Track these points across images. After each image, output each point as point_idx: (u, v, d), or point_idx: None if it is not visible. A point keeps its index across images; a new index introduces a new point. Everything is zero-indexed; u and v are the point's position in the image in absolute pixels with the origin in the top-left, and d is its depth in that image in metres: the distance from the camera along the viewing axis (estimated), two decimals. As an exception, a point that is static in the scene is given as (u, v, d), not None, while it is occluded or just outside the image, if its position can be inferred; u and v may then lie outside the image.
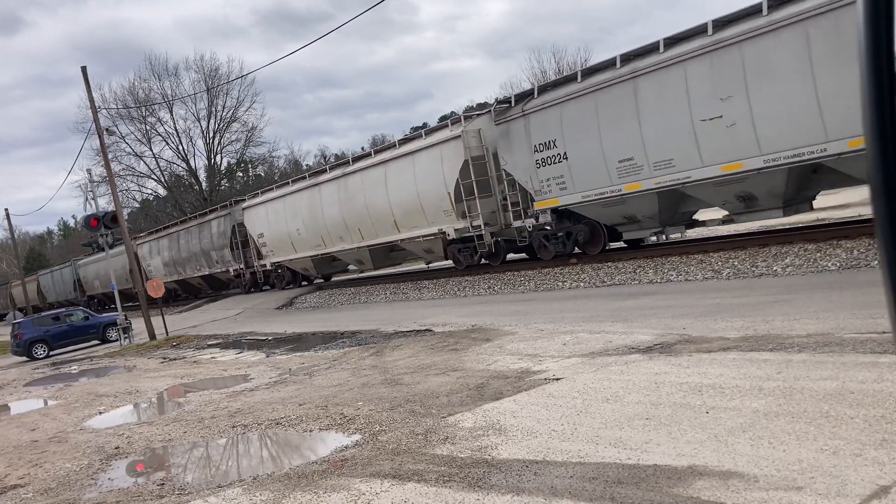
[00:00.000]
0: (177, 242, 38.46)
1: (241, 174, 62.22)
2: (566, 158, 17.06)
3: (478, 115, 20.59)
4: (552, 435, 5.90)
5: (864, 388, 5.61)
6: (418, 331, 14.09)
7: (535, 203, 18.25)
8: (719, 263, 14.20)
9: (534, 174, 17.91)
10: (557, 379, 7.85)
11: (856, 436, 4.67)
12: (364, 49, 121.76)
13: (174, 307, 37.33)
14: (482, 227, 19.65)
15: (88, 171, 50.02)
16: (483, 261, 21.44)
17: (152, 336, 23.17)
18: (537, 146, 17.65)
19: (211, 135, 54.96)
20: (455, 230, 20.54)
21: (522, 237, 19.48)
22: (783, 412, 5.40)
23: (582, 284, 16.57)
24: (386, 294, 23.63)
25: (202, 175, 56.58)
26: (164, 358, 18.31)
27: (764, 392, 5.98)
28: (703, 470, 4.59)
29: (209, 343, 19.81)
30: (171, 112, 54.06)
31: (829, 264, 12.14)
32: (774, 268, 12.93)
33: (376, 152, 24.47)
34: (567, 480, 4.83)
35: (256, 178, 60.46)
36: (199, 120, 55.04)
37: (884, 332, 7.13)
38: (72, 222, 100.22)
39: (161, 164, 55.82)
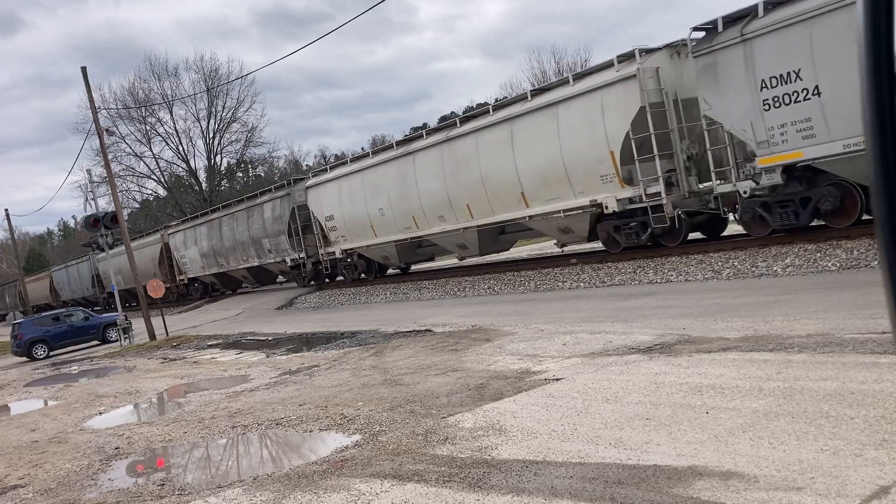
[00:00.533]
0: (218, 230, 33.67)
1: (240, 174, 62.27)
2: (818, 94, 12.65)
3: (647, 50, 15.76)
4: (552, 435, 5.90)
5: (865, 388, 5.62)
6: (418, 331, 14.09)
7: (756, 159, 13.82)
8: (719, 264, 14.21)
9: (757, 119, 13.56)
10: (557, 379, 7.86)
11: (856, 436, 4.67)
12: (363, 49, 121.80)
13: (174, 307, 37.15)
14: (662, 194, 15.22)
15: (88, 171, 50.08)
16: (648, 242, 16.53)
17: (152, 336, 23.17)
18: (767, 81, 13.32)
19: (211, 135, 55.05)
20: (617, 201, 16.07)
21: (725, 207, 15.22)
22: (783, 412, 5.40)
23: (582, 285, 16.57)
24: (386, 294, 23.62)
25: (202, 175, 56.67)
26: (164, 358, 18.31)
27: (764, 392, 5.98)
28: (703, 470, 4.59)
29: (209, 343, 19.80)
30: (170, 112, 54.19)
31: (830, 264, 12.14)
32: (774, 268, 12.93)
33: (496, 108, 19.67)
34: (567, 481, 4.83)
35: (256, 179, 60.51)
36: (198, 120, 55.12)
37: (884, 333, 7.13)
38: (72, 222, 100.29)
39: (161, 165, 55.96)
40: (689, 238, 16.64)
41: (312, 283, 29.21)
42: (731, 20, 14.03)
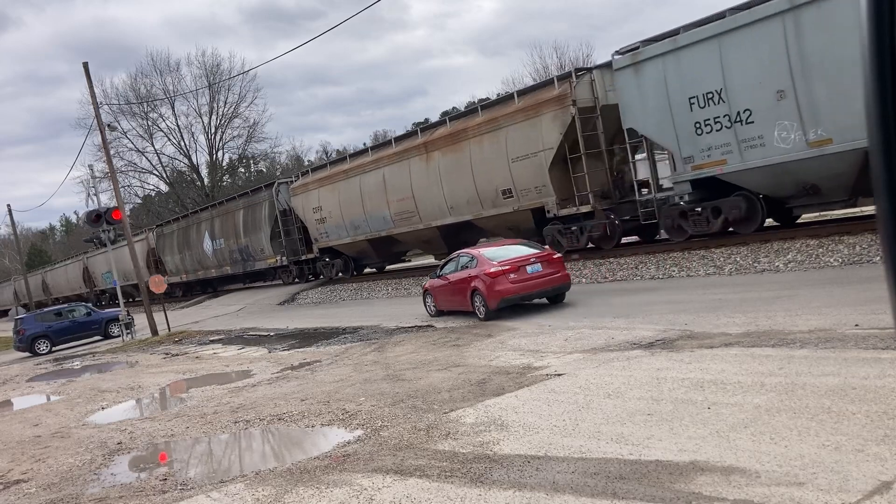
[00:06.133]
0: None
1: (242, 170, 62.25)
2: None
3: None
4: (554, 430, 5.90)
5: (866, 383, 5.61)
6: (420, 326, 14.10)
7: None
8: (721, 259, 14.18)
9: None
10: (559, 374, 7.86)
11: (858, 431, 4.67)
12: (356, 46, 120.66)
13: (175, 303, 37.08)
14: None
15: (90, 166, 49.90)
16: None
17: (154, 332, 23.21)
18: None
19: (213, 130, 54.98)
20: None
21: None
22: (785, 408, 5.40)
23: (584, 280, 16.55)
24: (388, 290, 23.62)
25: (204, 171, 56.63)
26: (167, 353, 18.34)
27: (766, 388, 5.98)
28: (704, 465, 4.60)
29: (211, 339, 19.83)
30: (172, 108, 54.10)
31: (832, 260, 12.12)
32: (777, 263, 12.92)
33: None
34: (569, 476, 4.84)
35: (258, 174, 60.47)
36: (200, 116, 55.00)
37: (886, 328, 7.12)
38: (73, 218, 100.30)
39: (163, 160, 55.90)
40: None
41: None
42: None
